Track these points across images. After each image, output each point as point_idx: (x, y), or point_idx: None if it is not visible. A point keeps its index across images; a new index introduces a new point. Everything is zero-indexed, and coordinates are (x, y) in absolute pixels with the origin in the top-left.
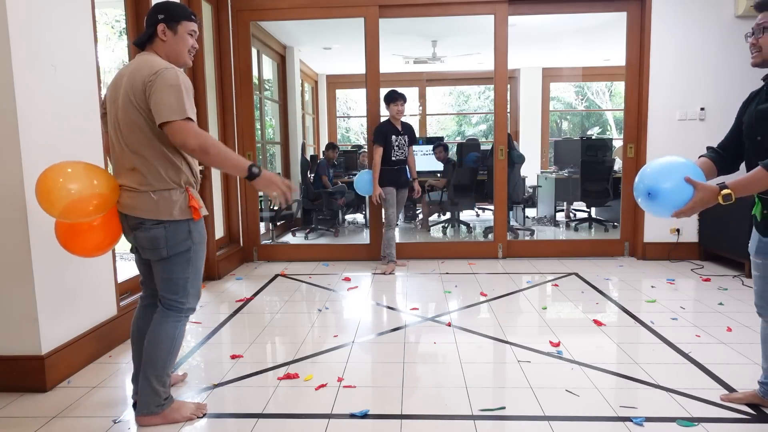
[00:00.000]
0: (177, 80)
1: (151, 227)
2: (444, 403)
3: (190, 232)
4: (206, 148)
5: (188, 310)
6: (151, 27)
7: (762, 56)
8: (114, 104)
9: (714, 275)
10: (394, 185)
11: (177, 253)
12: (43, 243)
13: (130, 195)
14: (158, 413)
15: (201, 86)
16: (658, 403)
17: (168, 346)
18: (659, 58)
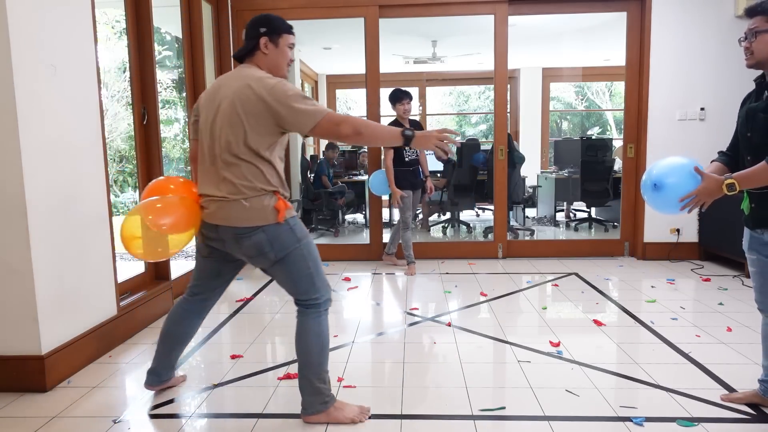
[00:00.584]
0: (293, 87)
1: (251, 234)
2: (444, 403)
3: (292, 230)
4: (359, 129)
5: (325, 302)
6: (253, 40)
7: (755, 59)
8: (212, 113)
9: (714, 275)
10: (411, 187)
11: (288, 254)
12: (43, 243)
13: (220, 205)
14: (323, 411)
15: (201, 86)
16: (658, 403)
17: (319, 344)
18: (659, 58)
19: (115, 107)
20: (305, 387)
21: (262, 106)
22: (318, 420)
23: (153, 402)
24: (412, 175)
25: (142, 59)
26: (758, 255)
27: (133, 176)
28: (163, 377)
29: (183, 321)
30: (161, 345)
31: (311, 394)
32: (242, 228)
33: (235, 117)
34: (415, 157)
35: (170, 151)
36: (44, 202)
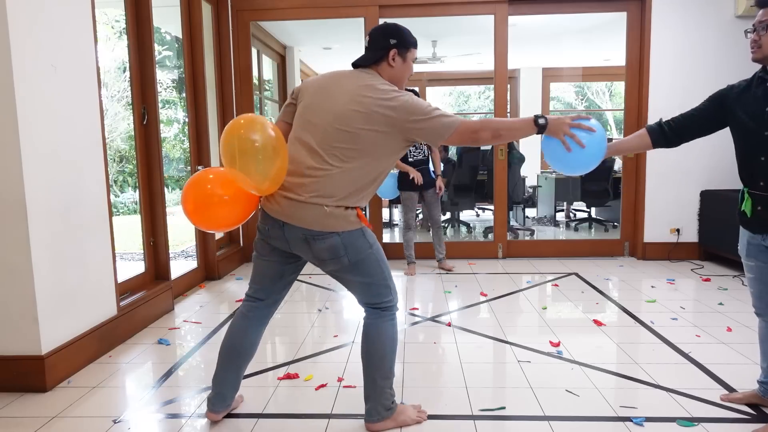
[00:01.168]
0: (419, 100)
1: (326, 237)
2: (444, 403)
3: (364, 235)
4: (498, 132)
5: (395, 305)
6: (382, 51)
7: (762, 52)
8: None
9: (714, 275)
10: (414, 188)
11: (361, 258)
12: (43, 243)
13: (293, 205)
14: (389, 417)
15: (201, 87)
16: (658, 403)
17: (393, 347)
18: (659, 58)
19: (115, 107)
20: (373, 392)
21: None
22: (385, 427)
23: (153, 402)
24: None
25: (142, 59)
26: (757, 261)
27: (133, 176)
28: (228, 400)
29: (249, 331)
30: (227, 363)
31: (377, 399)
32: (317, 231)
33: (358, 117)
34: (421, 157)
35: (170, 151)
36: (44, 202)
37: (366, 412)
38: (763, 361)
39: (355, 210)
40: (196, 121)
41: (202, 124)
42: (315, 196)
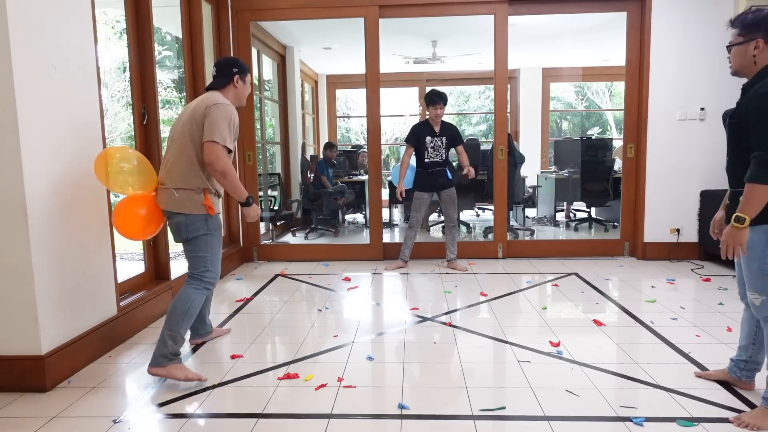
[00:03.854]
0: (231, 116)
1: (172, 216)
2: (444, 403)
3: (206, 222)
4: (225, 173)
5: (207, 282)
6: (227, 77)
7: (733, 67)
8: (177, 123)
9: (714, 275)
10: (428, 189)
11: (195, 237)
12: (43, 243)
13: (161, 191)
14: (163, 366)
15: (201, 87)
16: (658, 403)
17: (184, 308)
18: (659, 58)
19: (115, 107)
20: (159, 340)
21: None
22: (157, 372)
23: (153, 402)
24: (430, 177)
25: (142, 59)
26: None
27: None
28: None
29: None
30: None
31: (159, 347)
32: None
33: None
34: (438, 160)
35: None
36: (44, 202)
37: (152, 357)
38: (739, 342)
39: (201, 194)
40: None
41: None
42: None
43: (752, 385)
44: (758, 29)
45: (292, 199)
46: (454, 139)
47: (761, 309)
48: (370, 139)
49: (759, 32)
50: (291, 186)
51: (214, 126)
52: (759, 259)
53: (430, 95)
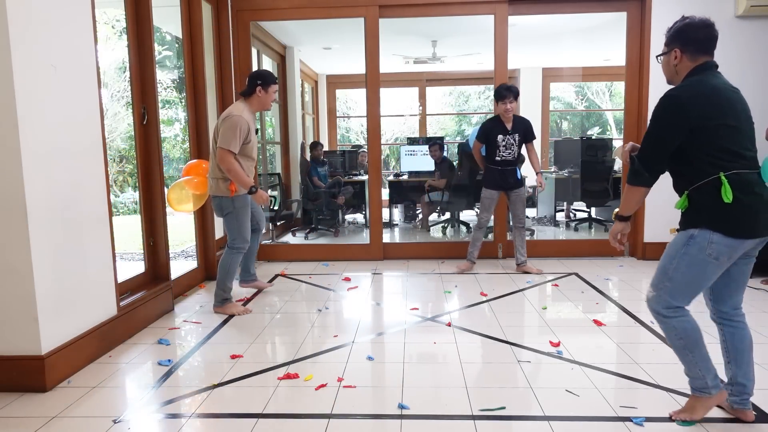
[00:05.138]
0: (235, 126)
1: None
2: (444, 403)
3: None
4: (229, 170)
5: (236, 248)
6: (252, 87)
7: (665, 77)
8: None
9: None
10: (497, 188)
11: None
12: (43, 243)
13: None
14: (221, 306)
15: (201, 87)
16: (658, 403)
17: (225, 268)
18: None
19: (115, 107)
20: (216, 291)
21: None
22: (217, 310)
23: (153, 402)
24: (501, 175)
25: (142, 59)
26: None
27: (133, 176)
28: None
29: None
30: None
31: (218, 296)
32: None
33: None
34: (510, 158)
35: (170, 151)
36: (44, 202)
37: (213, 301)
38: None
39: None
40: (196, 121)
41: (202, 124)
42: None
43: (748, 415)
44: (676, 40)
45: (292, 199)
46: (527, 135)
47: (650, 302)
48: (370, 139)
49: (676, 43)
50: (291, 186)
51: (223, 135)
52: (669, 258)
53: (499, 89)
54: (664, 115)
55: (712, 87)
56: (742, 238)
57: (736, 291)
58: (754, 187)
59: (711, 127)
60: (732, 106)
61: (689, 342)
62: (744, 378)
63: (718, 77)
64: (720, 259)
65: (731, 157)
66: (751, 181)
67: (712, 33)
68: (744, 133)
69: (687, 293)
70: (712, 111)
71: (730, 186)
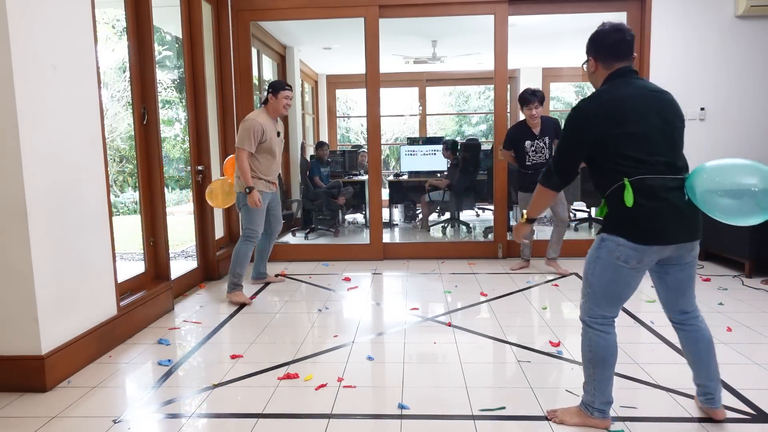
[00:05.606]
0: (249, 127)
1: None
2: (444, 403)
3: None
4: (239, 167)
5: (247, 237)
6: (266, 95)
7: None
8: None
9: (714, 275)
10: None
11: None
12: (43, 243)
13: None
14: (231, 292)
15: (201, 87)
16: (658, 403)
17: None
18: (659, 57)
19: (115, 107)
20: (228, 277)
21: None
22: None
23: (153, 402)
24: (534, 178)
25: (142, 59)
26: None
27: (133, 176)
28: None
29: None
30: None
31: (229, 280)
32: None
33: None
34: (541, 161)
35: (170, 151)
36: (44, 202)
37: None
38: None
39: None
40: (196, 121)
41: (202, 124)
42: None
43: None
44: (590, 48)
45: (292, 199)
46: (558, 134)
47: (580, 311)
48: (370, 139)
49: (591, 51)
50: (291, 186)
51: (238, 136)
52: (587, 263)
53: (524, 95)
54: (570, 126)
55: (619, 95)
56: (645, 244)
57: (680, 297)
58: (660, 193)
59: (612, 136)
60: (639, 112)
61: (596, 359)
62: (706, 379)
63: (632, 83)
64: (630, 264)
65: (635, 164)
66: (656, 186)
67: (624, 38)
68: (650, 138)
69: (608, 300)
70: (615, 120)
71: (633, 191)
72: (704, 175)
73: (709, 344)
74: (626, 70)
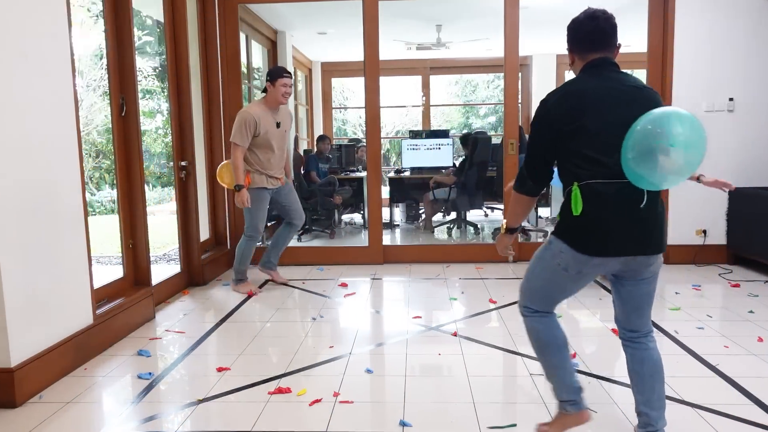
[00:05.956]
0: (241, 121)
1: None
2: (449, 420)
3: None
4: (233, 161)
5: (248, 235)
6: (266, 83)
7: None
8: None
9: (744, 280)
10: None
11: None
12: (12, 245)
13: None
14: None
15: (184, 75)
16: (683, 420)
17: (239, 250)
18: (684, 43)
19: (91, 97)
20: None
21: None
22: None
23: (132, 419)
24: None
25: (120, 45)
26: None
27: (110, 173)
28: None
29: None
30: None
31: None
32: None
33: None
34: None
35: (151, 145)
36: (13, 201)
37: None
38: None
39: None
40: (179, 112)
41: (185, 116)
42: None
43: None
44: (568, 41)
45: None
46: None
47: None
48: (368, 131)
49: (568, 43)
50: None
51: (233, 130)
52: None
53: None
54: (534, 121)
55: (580, 88)
56: (586, 254)
57: (633, 314)
58: (610, 200)
59: (569, 132)
60: (597, 107)
61: (540, 345)
62: (646, 407)
63: (603, 75)
64: (569, 271)
65: (588, 164)
66: (606, 193)
67: (598, 25)
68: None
69: (540, 298)
70: (570, 114)
71: (582, 197)
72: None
73: (656, 367)
74: (600, 62)
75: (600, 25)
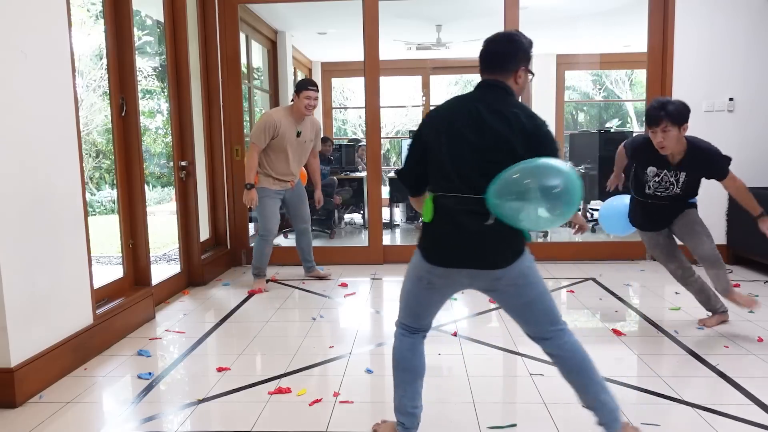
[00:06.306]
0: (263, 122)
1: None
2: (449, 420)
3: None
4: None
5: (261, 235)
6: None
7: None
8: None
9: (744, 280)
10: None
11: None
12: (12, 246)
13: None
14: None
15: (184, 76)
16: (683, 421)
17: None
18: (684, 43)
19: (91, 97)
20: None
21: None
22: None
23: (132, 419)
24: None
25: (120, 45)
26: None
27: (110, 172)
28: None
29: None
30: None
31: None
32: None
33: None
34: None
35: (151, 145)
36: (13, 201)
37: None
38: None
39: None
40: (179, 112)
41: (185, 116)
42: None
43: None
44: None
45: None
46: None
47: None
48: (368, 131)
49: None
50: None
51: (253, 129)
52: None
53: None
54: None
55: (443, 106)
56: (429, 263)
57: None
58: (451, 213)
59: (433, 146)
60: (444, 127)
61: (393, 360)
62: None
63: (472, 96)
64: (422, 280)
65: (440, 179)
66: (448, 206)
67: (492, 49)
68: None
69: (403, 309)
70: (435, 129)
71: (434, 207)
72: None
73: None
74: (486, 83)
75: (494, 48)
